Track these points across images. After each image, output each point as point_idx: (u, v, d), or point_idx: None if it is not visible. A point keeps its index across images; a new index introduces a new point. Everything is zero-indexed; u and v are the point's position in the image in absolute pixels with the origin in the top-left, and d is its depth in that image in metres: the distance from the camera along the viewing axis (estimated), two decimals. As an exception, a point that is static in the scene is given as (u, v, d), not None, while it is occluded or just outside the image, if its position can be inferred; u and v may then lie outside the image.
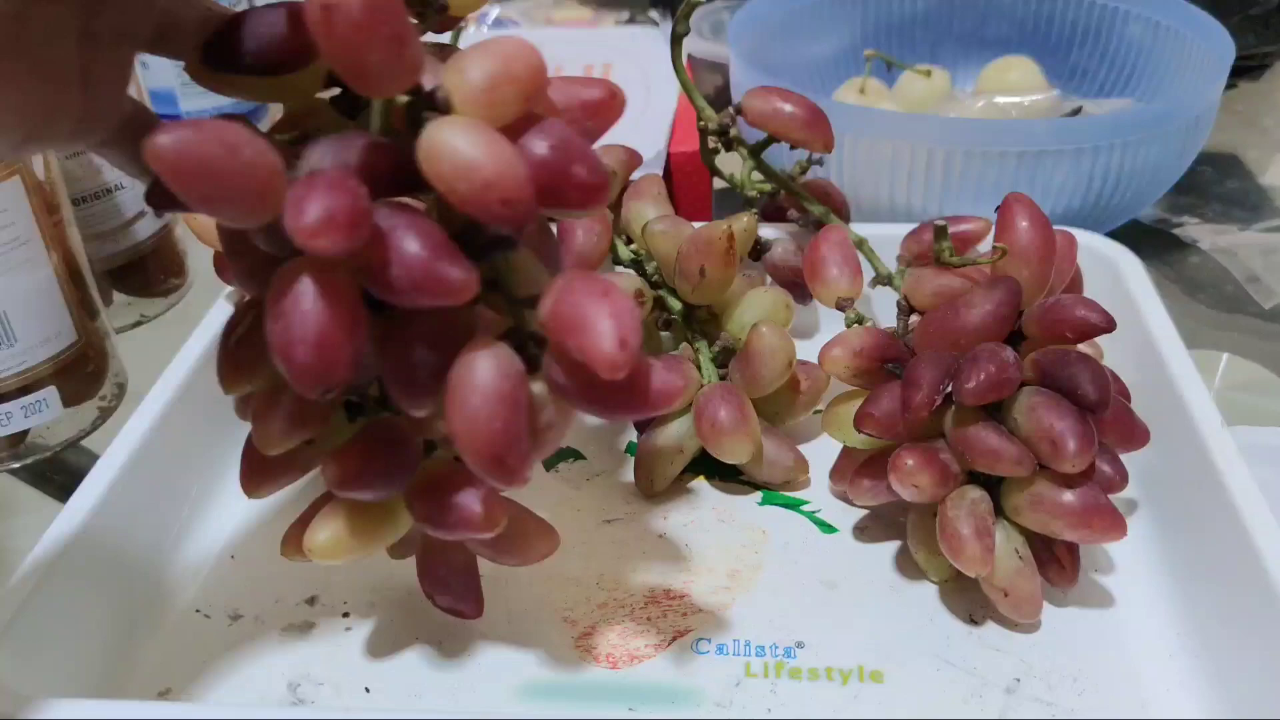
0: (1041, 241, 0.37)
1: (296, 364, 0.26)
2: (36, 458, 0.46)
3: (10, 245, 0.42)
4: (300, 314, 0.26)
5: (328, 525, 0.32)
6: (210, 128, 0.24)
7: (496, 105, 0.27)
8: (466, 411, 0.27)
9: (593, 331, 0.26)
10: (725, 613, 0.37)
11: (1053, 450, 0.34)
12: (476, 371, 0.27)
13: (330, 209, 0.24)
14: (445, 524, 0.31)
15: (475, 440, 0.27)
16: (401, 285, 0.26)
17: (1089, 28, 0.65)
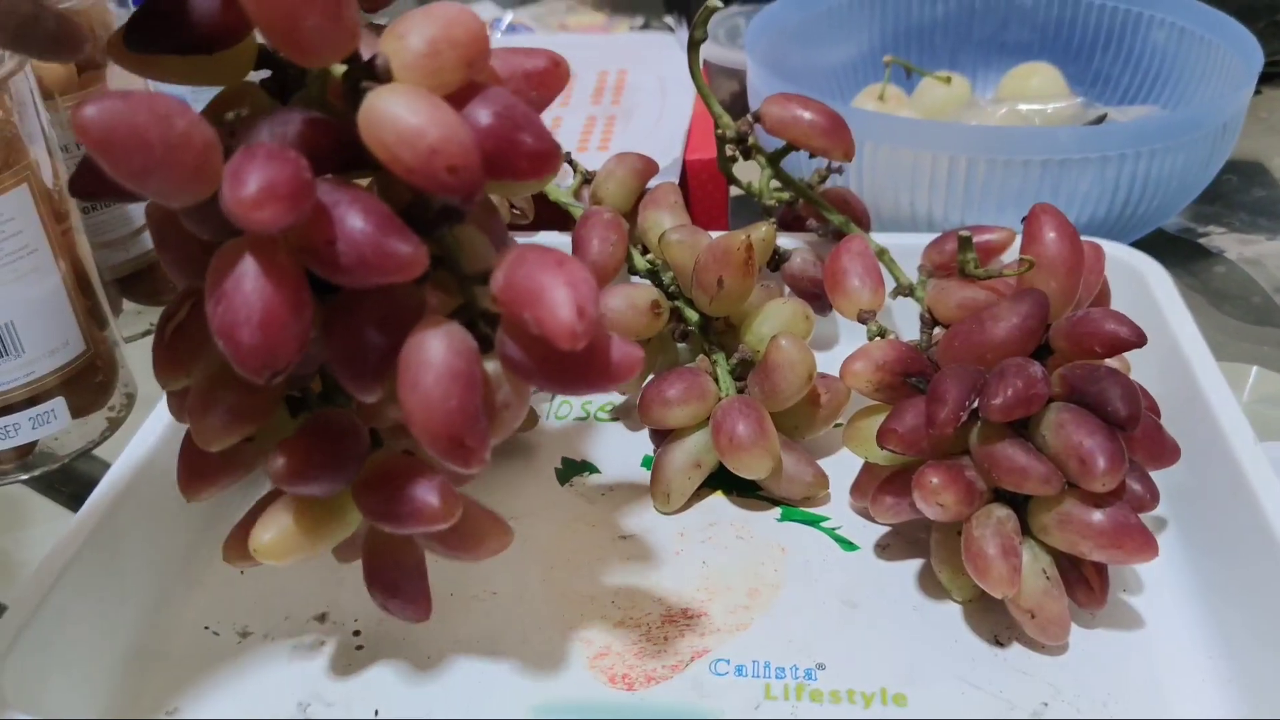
0: (1069, 253, 0.36)
1: (242, 346, 0.25)
2: (46, 468, 0.46)
3: (18, 254, 0.41)
4: (243, 294, 0.25)
5: (273, 524, 0.31)
6: (140, 99, 0.23)
7: (439, 72, 0.26)
8: (420, 391, 0.26)
9: (549, 302, 0.25)
10: (744, 633, 0.36)
11: (1082, 468, 0.33)
12: (428, 350, 0.26)
13: (271, 179, 0.23)
14: (398, 517, 0.29)
15: (431, 421, 0.26)
16: (349, 262, 0.25)
17: (1112, 33, 0.64)
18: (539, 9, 0.87)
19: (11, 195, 0.41)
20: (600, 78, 0.68)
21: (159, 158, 0.23)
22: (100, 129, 0.22)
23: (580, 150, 0.59)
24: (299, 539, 0.31)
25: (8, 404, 0.43)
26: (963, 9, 0.66)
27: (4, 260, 0.41)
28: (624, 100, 0.65)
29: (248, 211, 0.23)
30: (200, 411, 0.29)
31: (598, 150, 0.59)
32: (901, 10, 0.66)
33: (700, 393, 0.41)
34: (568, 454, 0.44)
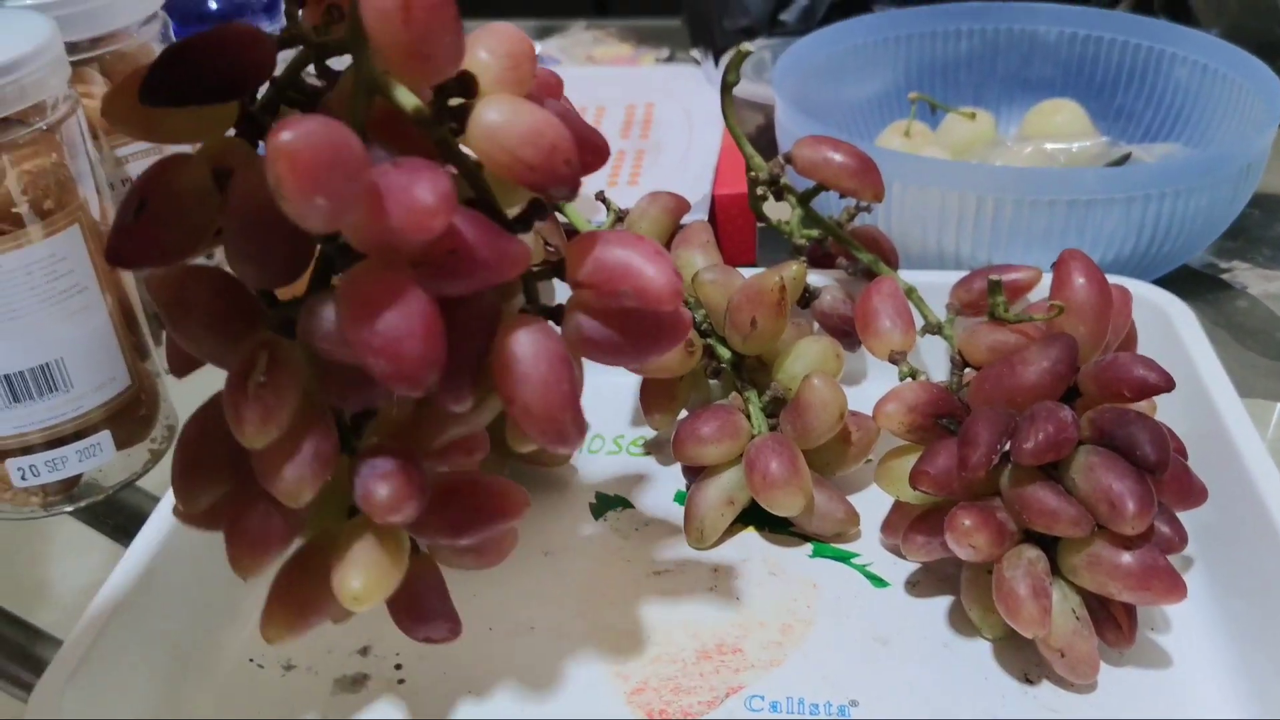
0: (1098, 299, 0.37)
1: (408, 358, 0.25)
2: (90, 499, 0.47)
3: (69, 293, 0.43)
4: (398, 311, 0.25)
5: (356, 569, 0.30)
6: (323, 120, 0.23)
7: (519, 82, 0.29)
8: (533, 382, 0.28)
9: (645, 273, 0.28)
10: (778, 669, 0.37)
11: (1111, 511, 0.34)
12: (528, 344, 0.28)
13: (440, 189, 0.25)
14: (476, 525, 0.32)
15: (548, 408, 0.28)
16: (469, 267, 0.26)
17: (1134, 70, 0.64)
18: (565, 40, 0.88)
19: (64, 235, 0.42)
20: (628, 111, 0.69)
21: (348, 175, 0.24)
22: (308, 150, 0.23)
23: (610, 185, 0.60)
24: (387, 574, 0.31)
25: (56, 438, 0.44)
26: (986, 45, 0.67)
27: (56, 299, 0.42)
28: (652, 134, 0.66)
29: (426, 220, 0.24)
30: (284, 465, 0.29)
31: (628, 185, 0.60)
32: (926, 47, 0.67)
33: (733, 430, 0.42)
34: (601, 489, 0.45)
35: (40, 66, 0.40)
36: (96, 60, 0.48)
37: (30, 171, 0.41)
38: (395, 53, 0.26)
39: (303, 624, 0.32)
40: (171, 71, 0.27)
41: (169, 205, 0.28)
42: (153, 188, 0.28)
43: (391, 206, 0.24)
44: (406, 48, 0.25)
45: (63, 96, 0.42)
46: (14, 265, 0.41)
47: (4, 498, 0.46)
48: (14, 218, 0.41)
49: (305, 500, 0.29)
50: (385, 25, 0.25)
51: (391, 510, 0.29)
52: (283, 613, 0.32)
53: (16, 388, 0.43)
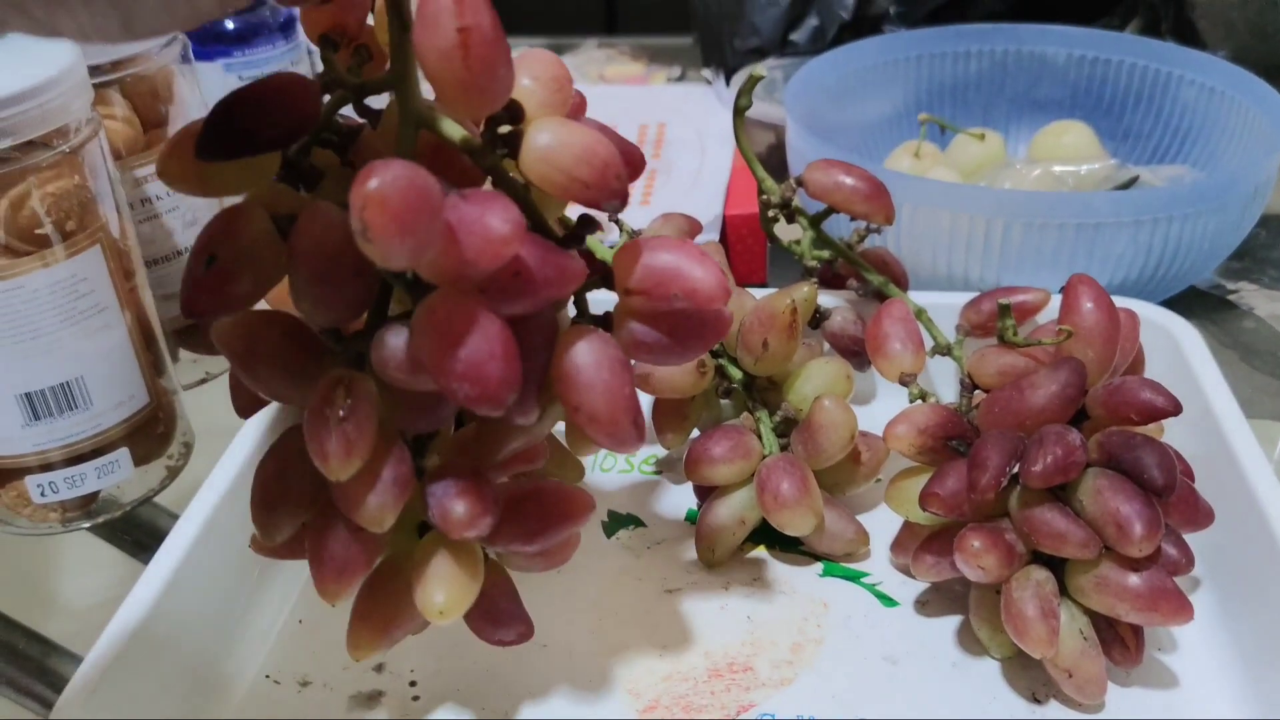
0: (1106, 323, 0.37)
1: (493, 379, 0.26)
2: (108, 516, 0.47)
3: (89, 312, 0.43)
4: (480, 333, 0.26)
5: (437, 584, 0.32)
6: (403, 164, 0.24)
7: (561, 105, 0.30)
8: (599, 388, 0.29)
9: (695, 275, 0.30)
10: (788, 687, 0.37)
11: (1119, 534, 0.34)
12: (590, 353, 0.29)
13: (512, 216, 0.26)
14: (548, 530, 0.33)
15: (615, 411, 0.29)
16: (533, 286, 0.28)
17: (1142, 92, 0.65)
18: (577, 59, 0.89)
19: (85, 256, 0.43)
20: (640, 131, 0.70)
21: (433, 213, 0.25)
22: (398, 195, 0.24)
23: (622, 205, 0.61)
24: (467, 586, 0.32)
25: (75, 455, 0.45)
26: (995, 66, 0.68)
27: (77, 318, 0.43)
28: (664, 154, 0.66)
29: (500, 248, 0.26)
30: (367, 493, 0.29)
31: (639, 205, 0.61)
32: (936, 68, 0.68)
33: (745, 451, 0.42)
34: (614, 507, 0.46)
35: (64, 91, 0.41)
36: (118, 83, 0.49)
37: (53, 193, 0.41)
38: (454, 89, 0.27)
39: (386, 639, 0.34)
40: (227, 125, 0.28)
41: (237, 256, 0.29)
42: (220, 240, 0.29)
43: (465, 238, 0.26)
44: (465, 84, 0.26)
45: (85, 120, 0.43)
46: (38, 285, 0.42)
47: (24, 513, 0.46)
48: (38, 239, 0.41)
49: (388, 525, 0.30)
50: (445, 64, 0.26)
51: (468, 526, 0.30)
52: (368, 631, 0.33)
53: (37, 405, 0.43)
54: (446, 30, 0.25)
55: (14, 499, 0.46)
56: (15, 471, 0.45)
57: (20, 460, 0.45)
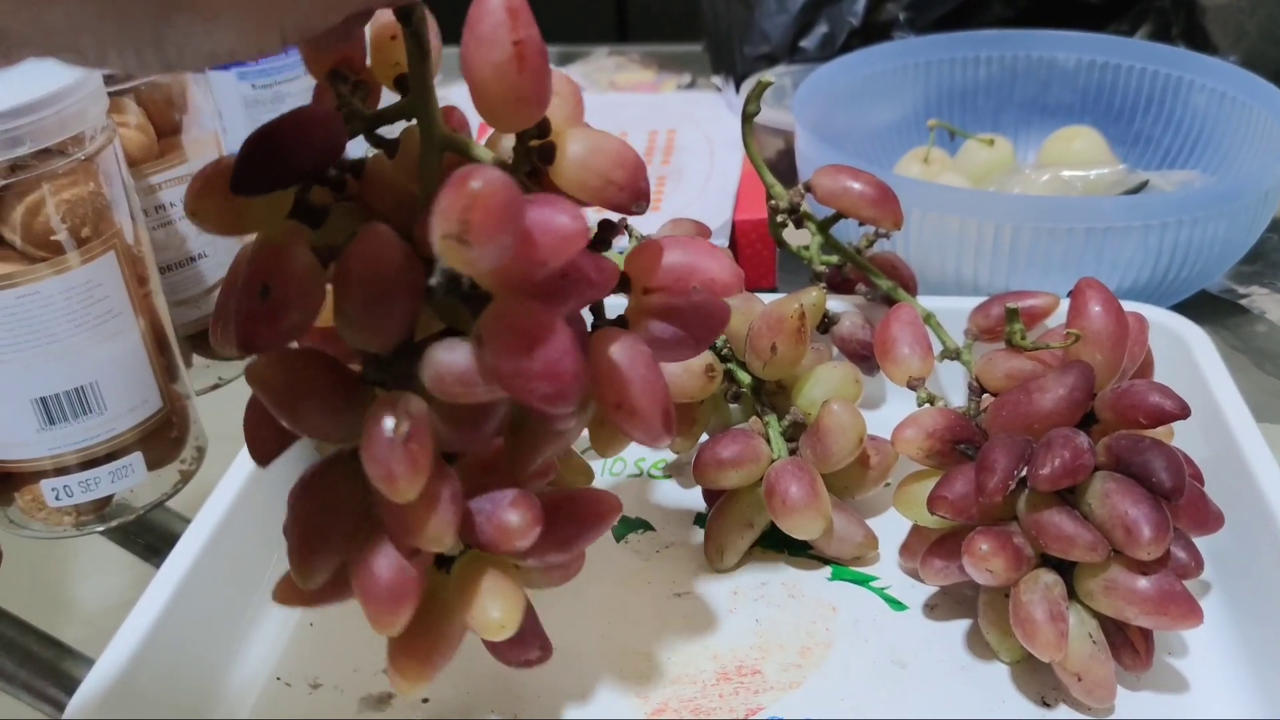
0: (1115, 327, 0.37)
1: (567, 376, 0.27)
2: (122, 519, 0.48)
3: (104, 318, 0.44)
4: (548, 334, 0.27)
5: (491, 601, 0.31)
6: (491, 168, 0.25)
7: (580, 115, 0.32)
8: (637, 385, 0.30)
9: (713, 268, 0.32)
10: (796, 691, 0.37)
11: (1127, 537, 0.34)
12: (625, 352, 0.30)
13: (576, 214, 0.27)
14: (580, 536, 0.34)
15: (655, 404, 0.30)
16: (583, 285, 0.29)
17: (1152, 97, 0.65)
18: (588, 66, 0.89)
19: (100, 262, 0.43)
20: (650, 138, 0.70)
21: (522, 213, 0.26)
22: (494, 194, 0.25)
23: (632, 210, 0.61)
24: (518, 598, 0.32)
25: (89, 459, 0.45)
26: (1005, 72, 0.68)
27: (91, 324, 0.43)
28: (674, 160, 0.67)
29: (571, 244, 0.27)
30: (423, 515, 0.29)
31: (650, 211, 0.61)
32: (945, 74, 0.68)
33: (754, 455, 0.42)
34: (623, 511, 0.46)
35: (79, 99, 0.41)
36: (132, 91, 0.49)
37: (68, 200, 0.42)
38: (507, 102, 0.27)
39: (432, 669, 0.32)
40: (259, 159, 0.28)
41: (289, 287, 0.29)
42: (272, 271, 0.29)
43: (540, 236, 0.26)
44: (520, 96, 0.27)
45: (100, 127, 0.43)
46: (53, 291, 0.42)
47: (38, 517, 0.47)
48: (53, 245, 0.42)
49: (449, 543, 0.29)
50: (500, 77, 0.26)
51: (524, 535, 0.30)
52: (412, 663, 0.32)
53: (52, 410, 0.44)
54: (503, 44, 0.26)
55: (29, 502, 0.46)
56: (30, 475, 0.45)
57: (35, 464, 0.45)
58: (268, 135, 0.28)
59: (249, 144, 0.28)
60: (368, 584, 0.30)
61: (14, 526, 0.47)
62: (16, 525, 0.47)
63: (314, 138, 0.29)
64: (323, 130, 0.29)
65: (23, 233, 0.41)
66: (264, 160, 0.28)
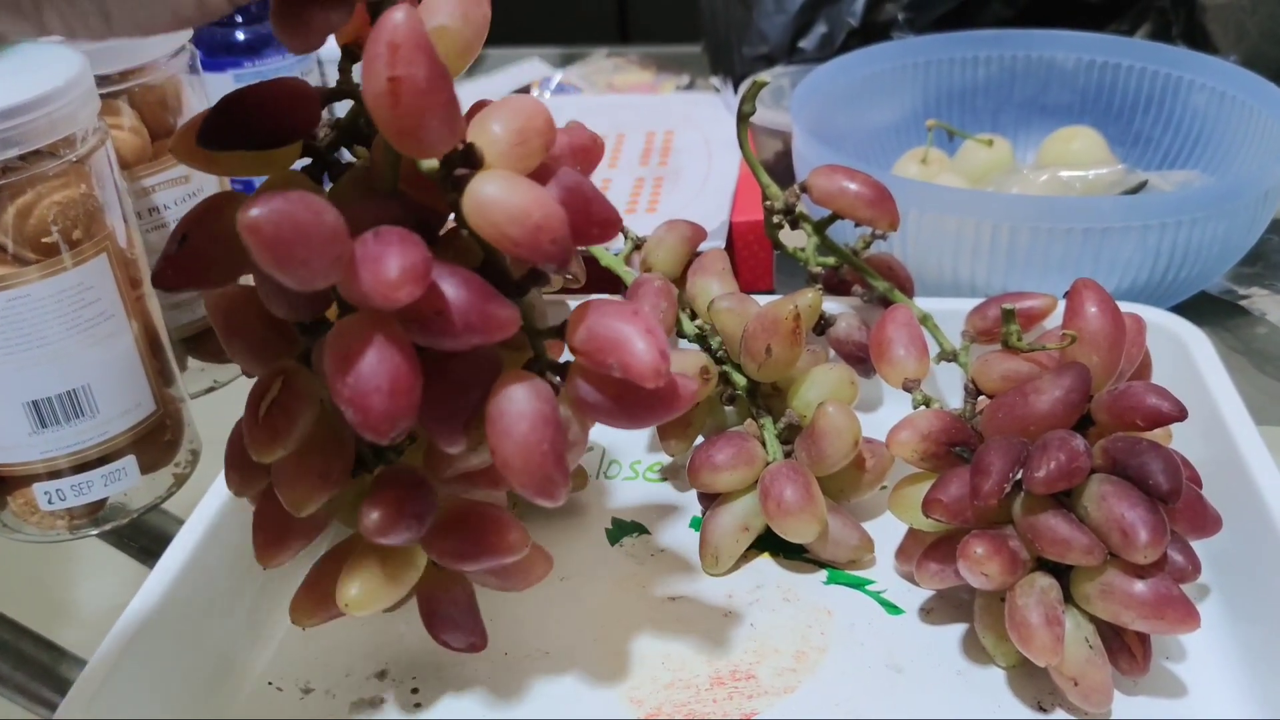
0: (1111, 328, 0.37)
1: (374, 411, 0.27)
2: (116, 523, 0.48)
3: (96, 320, 0.43)
4: (372, 364, 0.27)
5: (357, 578, 0.34)
6: (297, 197, 0.25)
7: (526, 157, 0.30)
8: (515, 438, 0.29)
9: (633, 349, 0.29)
10: (791, 695, 0.37)
11: (1124, 540, 0.34)
12: (518, 400, 0.29)
13: (411, 262, 0.26)
14: (476, 555, 0.33)
15: (529, 464, 0.29)
16: (455, 329, 0.28)
17: (1152, 96, 0.64)
18: (586, 68, 0.89)
19: (92, 265, 0.43)
20: (648, 139, 0.70)
21: (316, 248, 0.26)
22: (270, 226, 0.25)
23: (629, 212, 0.61)
24: (384, 588, 0.34)
25: (82, 462, 0.45)
26: (1004, 72, 0.68)
27: (83, 326, 0.43)
28: (671, 161, 0.66)
29: (390, 292, 0.26)
30: (294, 481, 0.32)
31: (646, 212, 0.61)
32: (944, 74, 0.67)
33: (748, 458, 0.42)
34: (618, 515, 0.46)
35: (70, 101, 0.41)
36: (126, 93, 0.49)
37: (60, 202, 0.42)
38: (386, 132, 0.27)
39: (323, 613, 0.36)
40: (224, 120, 0.30)
41: (208, 240, 0.30)
42: (194, 225, 0.31)
43: (364, 275, 0.26)
44: (395, 129, 0.27)
45: (92, 129, 0.43)
46: (45, 294, 0.42)
47: (31, 520, 0.46)
48: (45, 247, 0.42)
49: (306, 512, 0.32)
50: (378, 108, 0.27)
51: (378, 533, 0.31)
52: (308, 602, 0.36)
53: (44, 413, 0.44)
54: (379, 78, 0.26)
55: (22, 506, 0.46)
56: (23, 479, 0.45)
57: (28, 467, 0.45)
58: (237, 100, 0.30)
59: (220, 104, 0.30)
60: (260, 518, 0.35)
61: (7, 530, 0.47)
62: (10, 529, 0.47)
63: (282, 110, 0.30)
64: (293, 103, 0.30)
65: (14, 235, 0.41)
66: (229, 122, 0.30)
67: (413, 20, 0.26)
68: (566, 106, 0.77)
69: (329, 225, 0.26)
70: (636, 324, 0.29)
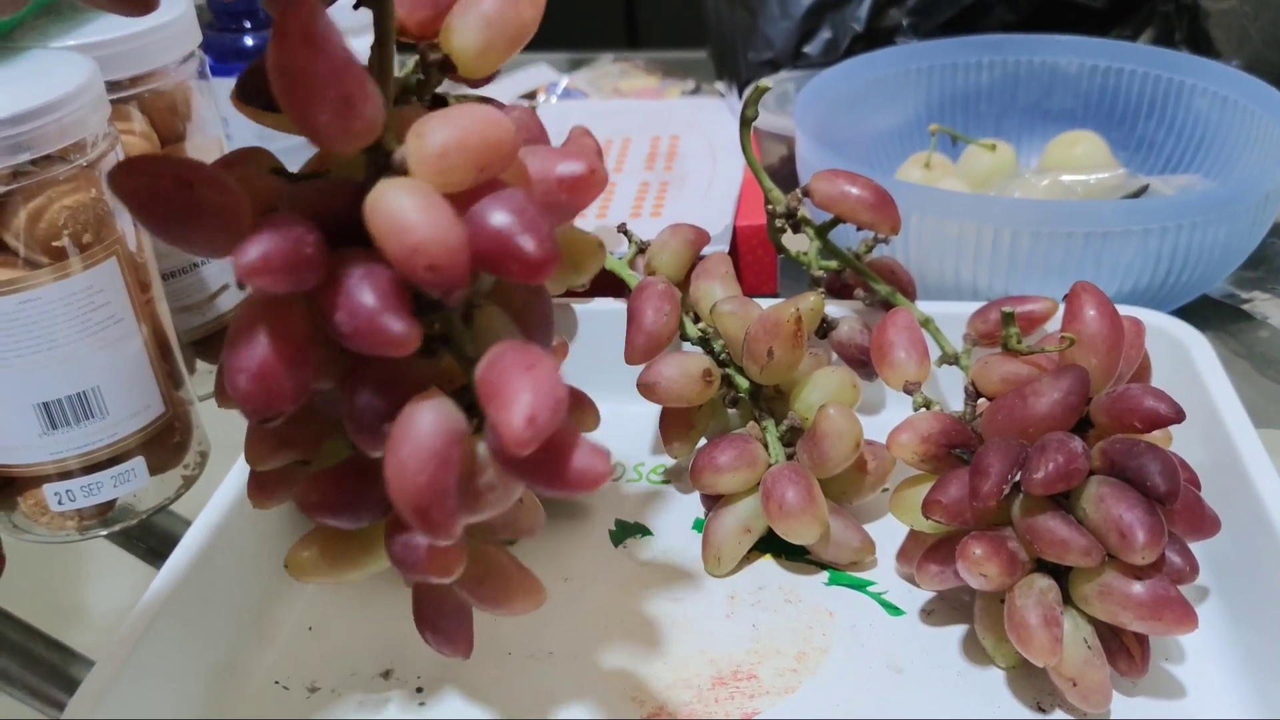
0: (1110, 330, 0.37)
1: (239, 392, 0.27)
2: (125, 523, 0.48)
3: (105, 323, 0.44)
4: (246, 345, 0.27)
5: (311, 545, 0.35)
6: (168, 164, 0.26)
7: (447, 172, 0.27)
8: (398, 461, 0.27)
9: (507, 404, 0.26)
10: (792, 696, 0.38)
11: (1122, 541, 0.34)
12: (414, 424, 0.27)
13: (269, 251, 0.26)
14: (407, 565, 0.31)
15: (403, 490, 0.27)
16: (345, 331, 0.27)
17: (1154, 101, 0.65)
18: (593, 73, 0.89)
19: (102, 268, 0.43)
20: (653, 143, 0.70)
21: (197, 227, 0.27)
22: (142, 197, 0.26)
23: (633, 216, 0.61)
24: (324, 564, 0.35)
25: (92, 463, 0.46)
26: (1007, 77, 0.68)
27: (93, 329, 0.44)
28: (676, 166, 0.67)
29: (244, 276, 0.26)
30: (253, 436, 0.33)
31: (650, 217, 0.61)
32: (947, 79, 0.68)
33: (750, 460, 0.42)
34: (621, 516, 0.46)
35: (81, 106, 0.42)
36: (135, 98, 0.50)
37: (70, 206, 0.42)
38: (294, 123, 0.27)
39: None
40: (256, 81, 0.31)
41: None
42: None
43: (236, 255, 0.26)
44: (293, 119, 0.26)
45: (103, 134, 0.44)
46: (55, 296, 0.42)
47: (41, 521, 0.47)
48: (55, 251, 0.42)
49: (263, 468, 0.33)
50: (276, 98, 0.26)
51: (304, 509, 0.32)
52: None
53: (55, 415, 0.44)
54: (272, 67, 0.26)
55: (31, 507, 0.46)
56: (33, 480, 0.46)
57: (38, 468, 0.45)
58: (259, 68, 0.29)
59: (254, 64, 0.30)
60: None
61: (17, 531, 0.48)
62: (20, 530, 0.48)
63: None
64: None
65: (25, 239, 0.42)
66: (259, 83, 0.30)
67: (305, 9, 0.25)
68: (572, 111, 0.77)
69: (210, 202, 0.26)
70: (526, 378, 0.26)
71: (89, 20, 0.49)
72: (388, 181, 0.27)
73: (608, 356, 0.46)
